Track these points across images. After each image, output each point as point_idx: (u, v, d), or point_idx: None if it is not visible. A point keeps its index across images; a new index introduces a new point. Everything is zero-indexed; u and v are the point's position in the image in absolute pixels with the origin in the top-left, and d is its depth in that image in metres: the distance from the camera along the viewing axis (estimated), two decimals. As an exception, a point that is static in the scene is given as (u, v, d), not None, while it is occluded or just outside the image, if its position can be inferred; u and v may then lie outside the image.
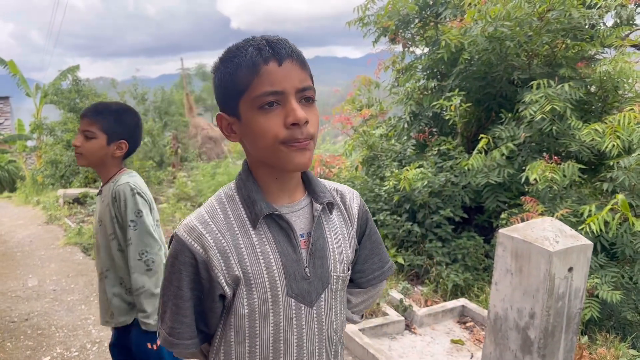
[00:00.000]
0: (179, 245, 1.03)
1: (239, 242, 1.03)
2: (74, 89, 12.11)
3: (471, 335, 3.83)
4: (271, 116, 0.94)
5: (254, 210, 1.03)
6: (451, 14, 5.60)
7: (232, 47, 0.99)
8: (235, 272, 1.02)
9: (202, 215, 1.05)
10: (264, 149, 0.97)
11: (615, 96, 4.85)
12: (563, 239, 2.46)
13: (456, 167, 5.03)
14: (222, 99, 1.01)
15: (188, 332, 1.08)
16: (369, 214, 1.26)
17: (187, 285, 1.04)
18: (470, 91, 5.43)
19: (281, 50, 0.95)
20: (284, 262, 1.04)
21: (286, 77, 0.94)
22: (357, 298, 1.30)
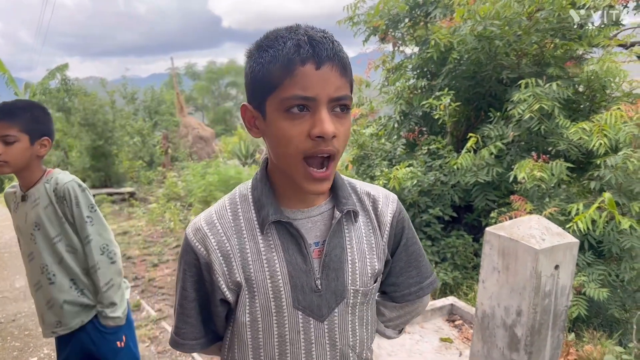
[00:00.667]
0: (185, 244, 1.01)
1: (245, 246, 0.98)
2: (62, 88, 12.02)
3: (460, 333, 3.84)
4: (297, 123, 0.86)
5: (261, 214, 0.98)
6: (441, 13, 5.62)
7: (272, 34, 0.89)
8: (236, 278, 0.97)
9: (211, 215, 1.01)
10: (283, 156, 0.90)
11: (603, 95, 4.89)
12: (549, 237, 2.48)
13: (445, 166, 5.05)
14: (250, 89, 0.93)
15: (193, 333, 1.05)
16: (406, 221, 1.14)
17: (192, 286, 1.01)
18: (460, 90, 5.45)
19: (322, 51, 0.84)
20: (290, 271, 0.97)
21: (322, 83, 0.85)
22: (391, 312, 1.21)
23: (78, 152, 10.84)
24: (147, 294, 4.88)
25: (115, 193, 10.01)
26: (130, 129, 12.20)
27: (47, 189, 1.83)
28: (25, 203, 1.86)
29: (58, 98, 12.04)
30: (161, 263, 5.87)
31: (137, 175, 11.67)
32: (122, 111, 12.29)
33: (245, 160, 15.24)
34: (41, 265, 1.86)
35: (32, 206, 1.83)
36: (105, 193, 9.79)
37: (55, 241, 1.83)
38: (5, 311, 4.52)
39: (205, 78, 33.19)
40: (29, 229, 1.85)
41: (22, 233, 1.88)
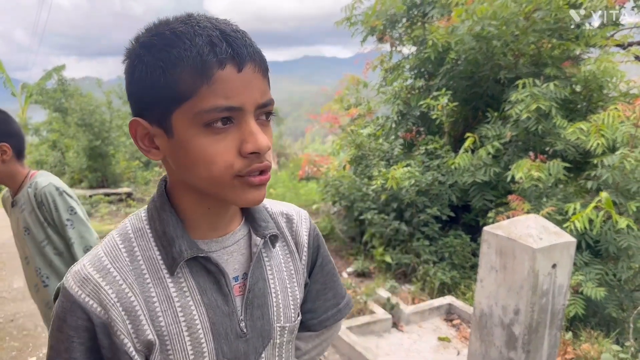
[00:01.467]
0: (67, 302, 0.74)
1: (151, 295, 0.76)
2: (59, 89, 11.99)
3: (458, 332, 3.85)
4: (221, 138, 0.69)
5: (171, 251, 0.77)
6: (438, 13, 5.63)
7: (165, 30, 0.69)
8: (147, 336, 0.75)
9: (100, 259, 0.76)
10: (207, 179, 0.71)
11: (600, 95, 4.90)
12: (547, 236, 2.49)
13: (443, 166, 5.06)
14: (142, 101, 0.72)
15: None
16: (320, 238, 1.01)
17: (82, 356, 0.74)
18: (457, 90, 5.46)
19: (241, 48, 0.69)
20: (211, 317, 0.79)
21: (246, 88, 0.69)
22: (307, 344, 1.05)
23: (75, 152, 10.81)
24: (145, 294, 4.88)
25: (112, 193, 9.99)
26: (127, 129, 12.20)
27: (30, 194, 1.83)
28: (15, 208, 1.88)
29: (55, 99, 12.01)
30: (159, 263, 5.86)
31: (134, 176, 11.65)
32: (119, 111, 12.27)
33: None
34: (35, 269, 1.88)
35: (20, 211, 1.85)
36: (102, 193, 9.77)
37: (43, 245, 1.84)
38: (3, 311, 4.51)
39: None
40: (21, 234, 1.87)
41: (17, 237, 1.91)
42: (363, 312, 3.97)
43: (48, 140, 12.70)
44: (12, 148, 1.79)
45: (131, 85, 0.73)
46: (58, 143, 12.02)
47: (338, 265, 5.34)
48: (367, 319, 3.79)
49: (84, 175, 10.69)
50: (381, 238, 5.16)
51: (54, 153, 11.95)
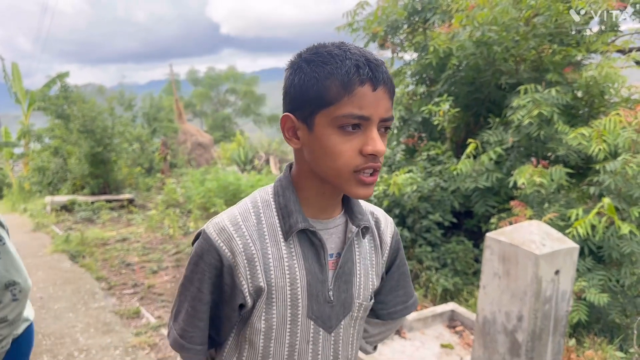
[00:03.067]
0: (206, 244, 0.97)
1: (267, 252, 0.97)
2: (61, 96, 12.03)
3: (461, 339, 3.83)
4: (349, 139, 0.89)
5: (289, 221, 0.97)
6: (439, 20, 5.64)
7: (322, 50, 0.91)
8: (259, 283, 0.96)
9: (235, 216, 0.99)
10: (332, 169, 0.91)
11: (602, 101, 4.90)
12: (550, 242, 2.48)
13: (445, 172, 5.05)
14: (296, 101, 0.93)
15: (200, 337, 1.02)
16: (400, 243, 1.19)
17: (208, 288, 0.98)
18: (459, 96, 5.47)
19: (379, 74, 0.88)
20: (309, 280, 0.99)
21: (376, 104, 0.88)
22: (374, 329, 1.24)
23: (77, 158, 10.82)
24: (146, 300, 4.87)
25: (114, 200, 10.00)
26: (129, 136, 12.20)
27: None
28: None
29: (57, 105, 12.05)
30: (160, 270, 5.86)
31: (136, 182, 11.66)
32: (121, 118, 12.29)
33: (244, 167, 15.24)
34: None
35: None
36: (104, 200, 9.78)
37: None
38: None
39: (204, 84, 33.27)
40: None
41: None
42: (365, 318, 3.95)
43: (50, 147, 12.72)
44: None
45: (290, 88, 0.94)
46: (60, 149, 12.03)
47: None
48: (369, 325, 3.78)
49: (86, 181, 10.70)
50: (383, 244, 5.15)
51: (56, 159, 11.96)
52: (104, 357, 3.75)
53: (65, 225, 8.35)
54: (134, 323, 4.34)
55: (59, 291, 5.20)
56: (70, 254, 6.51)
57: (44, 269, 5.98)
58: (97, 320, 4.41)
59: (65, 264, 6.21)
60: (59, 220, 8.76)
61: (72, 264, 6.18)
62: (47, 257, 6.53)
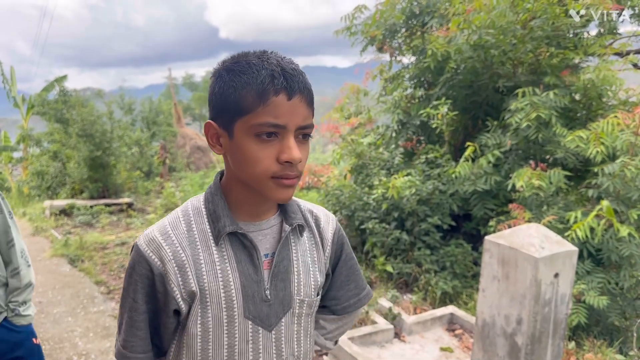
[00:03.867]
0: (137, 256, 1.01)
1: (199, 257, 1.00)
2: (60, 100, 12.03)
3: (460, 342, 3.83)
4: (266, 147, 0.92)
5: (217, 226, 1.01)
6: (437, 23, 5.66)
7: (242, 60, 0.94)
8: (191, 287, 0.99)
9: (164, 226, 1.02)
10: (251, 175, 0.95)
11: (599, 103, 4.91)
12: (549, 245, 2.48)
13: (444, 175, 5.06)
14: (217, 108, 0.97)
15: (141, 346, 1.04)
16: (345, 238, 1.22)
17: (143, 298, 1.01)
18: (457, 99, 5.48)
19: (294, 83, 0.92)
20: (243, 281, 1.01)
21: (292, 113, 0.92)
22: (330, 325, 1.26)
23: (76, 162, 10.80)
24: (145, 305, 4.86)
25: (113, 204, 9.98)
26: (128, 140, 12.20)
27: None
28: None
29: (56, 109, 12.04)
30: (160, 274, 5.84)
31: (135, 186, 11.64)
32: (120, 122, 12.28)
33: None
34: None
35: None
36: (103, 204, 9.76)
37: None
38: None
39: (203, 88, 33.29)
40: None
41: None
42: (365, 322, 3.95)
43: (49, 151, 12.71)
44: None
45: (212, 96, 0.98)
46: (59, 154, 12.02)
47: (339, 275, 5.32)
48: (369, 329, 3.78)
49: (85, 185, 10.68)
50: (382, 247, 5.15)
51: (55, 164, 11.95)
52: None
53: (64, 230, 8.34)
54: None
55: (58, 295, 5.19)
56: (70, 258, 6.49)
57: (42, 273, 5.97)
58: (96, 325, 4.40)
59: (64, 268, 6.20)
60: (58, 225, 8.75)
61: (71, 268, 6.17)
62: (46, 262, 6.51)
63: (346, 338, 3.55)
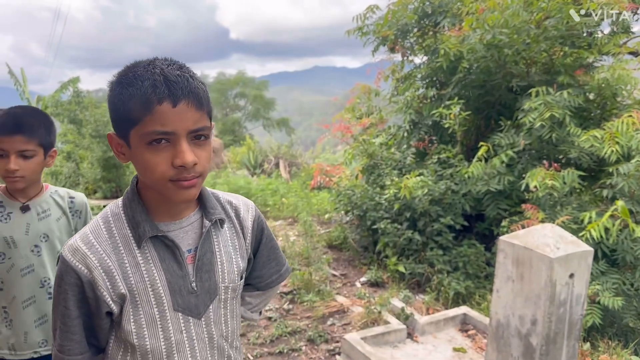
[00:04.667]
0: (64, 266, 1.05)
1: (123, 261, 1.05)
2: (74, 101, 12.15)
3: (473, 343, 3.82)
4: (159, 153, 0.96)
5: (138, 231, 1.05)
6: (450, 23, 5.64)
7: (130, 71, 0.98)
8: (120, 290, 1.05)
9: (87, 235, 1.06)
10: (151, 180, 1.00)
11: (614, 103, 4.87)
12: (564, 245, 2.47)
13: (456, 175, 5.04)
14: (113, 120, 1.01)
15: (77, 349, 1.09)
16: (264, 223, 1.30)
17: (74, 305, 1.06)
18: (470, 99, 5.46)
19: (177, 90, 0.94)
20: (168, 279, 1.07)
21: (179, 119, 0.94)
22: (256, 299, 1.36)
23: (89, 163, 10.92)
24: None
25: (126, 204, 10.08)
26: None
27: (59, 201, 1.86)
28: (25, 214, 1.79)
29: (69, 110, 12.17)
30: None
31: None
32: (133, 122, 12.38)
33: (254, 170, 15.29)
34: (42, 279, 1.81)
35: (40, 218, 1.81)
36: (116, 204, 9.86)
37: None
38: None
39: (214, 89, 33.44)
40: (33, 241, 1.79)
41: (19, 245, 1.78)
42: (377, 322, 3.95)
43: (63, 152, 12.84)
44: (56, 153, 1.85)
45: (109, 109, 1.01)
46: (73, 154, 12.14)
47: (351, 275, 5.33)
48: (381, 329, 3.78)
49: (98, 185, 10.78)
50: (394, 247, 5.14)
51: (69, 164, 12.08)
52: None
53: (78, 229, 8.43)
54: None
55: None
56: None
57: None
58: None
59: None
60: (72, 224, 8.83)
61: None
62: (60, 261, 6.58)
63: (359, 338, 3.56)
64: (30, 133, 1.68)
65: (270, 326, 4.05)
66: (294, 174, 13.67)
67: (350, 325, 4.07)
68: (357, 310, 4.28)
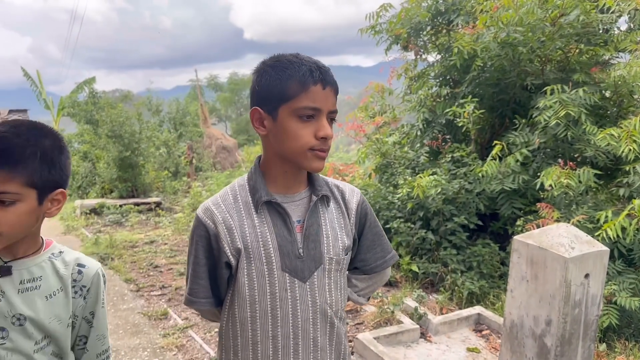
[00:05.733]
0: (197, 221, 1.27)
1: (243, 221, 1.25)
2: (90, 101, 12.31)
3: (487, 343, 3.80)
4: (306, 126, 1.16)
5: (255, 196, 1.25)
6: (463, 21, 5.61)
7: (283, 59, 1.19)
8: (237, 245, 1.23)
9: (216, 198, 1.29)
10: (292, 149, 1.18)
11: (631, 100, 4.80)
12: (579, 245, 2.45)
13: (470, 174, 5.01)
14: (263, 97, 1.19)
15: (203, 292, 1.30)
16: (368, 208, 1.43)
17: (203, 254, 1.27)
18: (484, 98, 5.42)
19: (327, 77, 1.17)
20: (279, 241, 1.23)
21: (325, 99, 1.17)
22: (362, 283, 1.47)
23: (105, 163, 11.06)
24: (174, 302, 4.94)
25: (142, 203, 10.17)
26: (156, 141, 12.42)
27: (59, 268, 1.24)
28: (5, 278, 1.16)
29: (86, 111, 12.33)
30: (187, 272, 5.93)
31: (163, 186, 11.84)
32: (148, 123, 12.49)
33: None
34: None
35: (22, 289, 1.18)
36: (132, 203, 9.95)
37: (42, 345, 1.20)
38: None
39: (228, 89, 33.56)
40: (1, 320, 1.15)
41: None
42: (390, 322, 3.95)
43: (79, 152, 13.02)
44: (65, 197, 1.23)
45: (258, 87, 1.21)
46: (89, 154, 12.31)
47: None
48: (394, 329, 3.78)
49: (114, 185, 10.91)
50: (408, 247, 5.13)
51: (85, 164, 12.25)
52: (132, 358, 3.83)
53: (95, 228, 8.54)
54: (162, 324, 4.42)
55: (89, 293, 5.32)
56: (100, 256, 6.64)
57: (74, 271, 6.13)
58: (126, 322, 4.50)
59: (95, 266, 6.35)
60: (89, 224, 8.96)
61: (101, 266, 6.32)
62: (77, 260, 6.68)
63: (372, 337, 3.56)
64: (10, 167, 1.06)
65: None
66: (307, 173, 13.68)
67: (364, 325, 4.08)
68: (370, 309, 4.28)
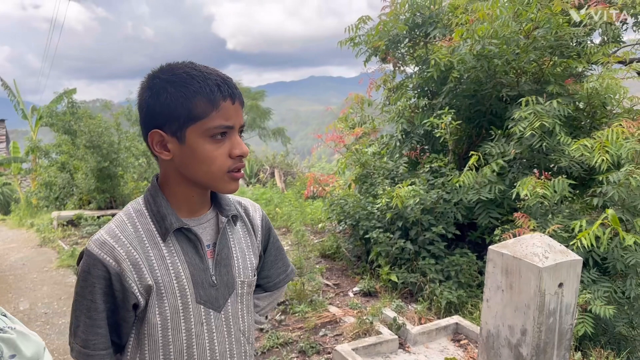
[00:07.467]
0: (91, 260, 1.07)
1: (149, 254, 1.10)
2: (68, 112, 12.14)
3: (465, 353, 3.81)
4: (219, 146, 1.06)
5: (164, 224, 1.11)
6: (440, 33, 5.68)
7: (179, 71, 1.05)
8: (147, 282, 1.09)
9: (113, 229, 1.11)
10: (207, 173, 1.07)
11: (603, 112, 4.91)
12: (552, 255, 2.48)
13: (448, 184, 5.06)
14: (164, 117, 1.05)
15: (103, 343, 1.11)
16: (270, 223, 1.38)
17: (101, 298, 1.08)
18: (461, 109, 5.48)
19: (234, 90, 1.07)
20: (191, 271, 1.13)
21: (236, 114, 1.07)
22: (263, 302, 1.42)
23: (84, 173, 10.88)
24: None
25: (120, 214, 10.04)
26: (135, 151, 12.27)
27: None
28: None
29: (64, 121, 12.15)
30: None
31: (142, 196, 11.68)
32: (127, 133, 12.36)
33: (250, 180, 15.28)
34: None
35: None
36: (111, 214, 9.81)
37: None
38: (9, 335, 4.51)
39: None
40: None
41: None
42: (369, 333, 3.94)
43: (57, 162, 12.80)
44: None
45: (155, 107, 1.05)
46: (67, 165, 12.10)
47: (344, 285, 5.32)
48: (373, 339, 3.77)
49: (93, 196, 10.74)
50: (387, 257, 5.14)
51: (63, 175, 12.02)
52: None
53: (72, 240, 8.38)
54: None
55: (63, 306, 5.21)
56: (76, 268, 6.52)
57: (49, 284, 6.01)
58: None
59: (71, 278, 6.23)
60: (65, 235, 8.80)
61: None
62: (52, 272, 6.55)
63: (350, 349, 3.54)
64: None
65: (261, 337, 4.03)
66: (289, 183, 13.67)
67: (342, 336, 4.06)
68: (350, 320, 4.26)
